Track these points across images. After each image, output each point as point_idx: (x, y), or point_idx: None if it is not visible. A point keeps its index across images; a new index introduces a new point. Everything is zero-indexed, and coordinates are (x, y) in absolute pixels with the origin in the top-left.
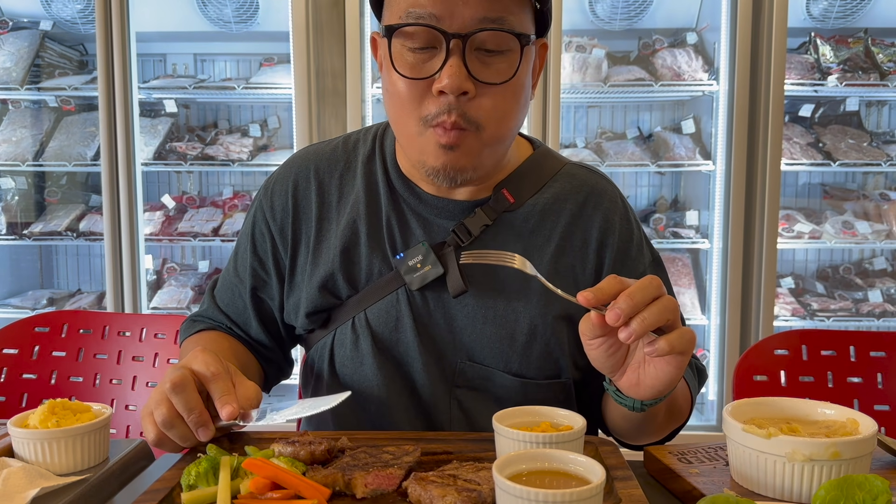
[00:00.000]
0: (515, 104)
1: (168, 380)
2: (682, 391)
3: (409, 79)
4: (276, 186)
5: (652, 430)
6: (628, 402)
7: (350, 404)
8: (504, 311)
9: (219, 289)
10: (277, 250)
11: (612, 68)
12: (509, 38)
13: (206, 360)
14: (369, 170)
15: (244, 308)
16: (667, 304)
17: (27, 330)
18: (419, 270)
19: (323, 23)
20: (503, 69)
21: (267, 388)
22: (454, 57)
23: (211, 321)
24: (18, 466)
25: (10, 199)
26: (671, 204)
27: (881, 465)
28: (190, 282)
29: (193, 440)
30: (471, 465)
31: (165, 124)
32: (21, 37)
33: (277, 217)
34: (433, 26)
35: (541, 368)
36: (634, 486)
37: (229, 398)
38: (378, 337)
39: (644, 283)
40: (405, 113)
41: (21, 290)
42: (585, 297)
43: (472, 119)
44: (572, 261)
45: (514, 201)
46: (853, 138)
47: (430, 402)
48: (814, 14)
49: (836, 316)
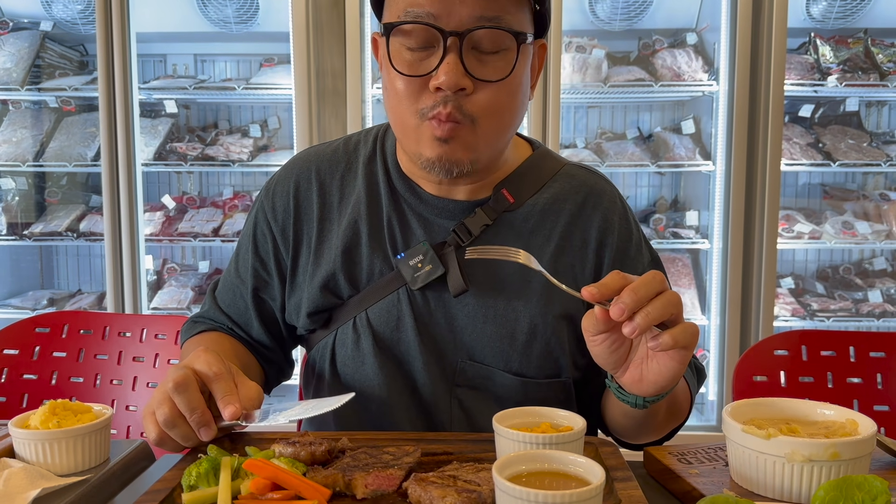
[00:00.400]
0: (512, 101)
1: (170, 379)
2: (682, 389)
3: (407, 76)
4: (277, 188)
5: (652, 428)
6: (630, 398)
7: (351, 403)
8: (504, 310)
9: (220, 290)
10: (279, 251)
11: (612, 69)
12: (506, 36)
13: (209, 359)
14: (370, 170)
15: (245, 308)
16: (670, 298)
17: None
18: (420, 270)
19: (323, 23)
20: (500, 67)
21: (268, 390)
22: (451, 54)
23: (212, 322)
24: (19, 467)
25: (11, 200)
26: (671, 204)
27: (880, 466)
28: (190, 282)
29: (195, 440)
30: (471, 466)
31: (166, 125)
32: (21, 37)
33: (279, 218)
34: (431, 24)
35: (541, 367)
36: (634, 487)
37: (232, 398)
38: (379, 336)
39: (647, 279)
40: (402, 108)
41: (21, 291)
42: (590, 291)
43: (468, 112)
44: (572, 260)
45: (514, 201)
46: (853, 138)
47: (431, 402)
48: (813, 14)
49: (836, 316)
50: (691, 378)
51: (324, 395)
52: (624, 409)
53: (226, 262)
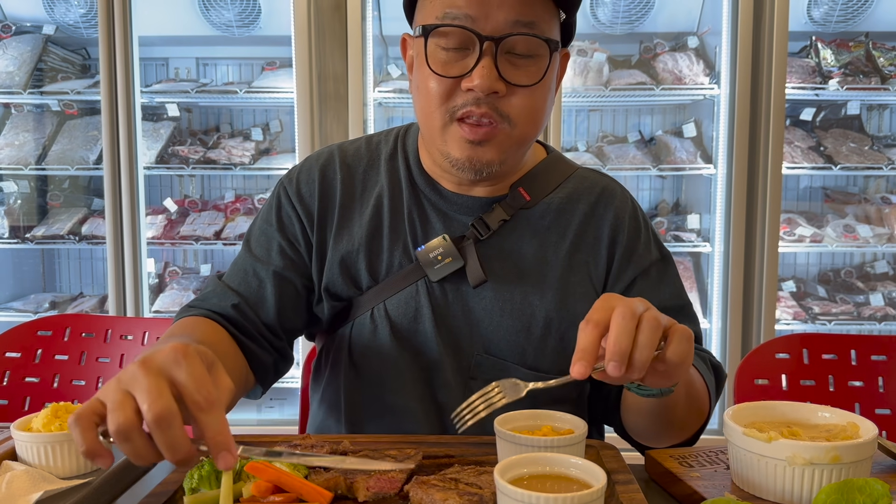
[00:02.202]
0: (543, 105)
1: (148, 403)
2: (695, 376)
3: (441, 76)
4: (301, 175)
5: (674, 421)
6: (655, 391)
7: (366, 393)
8: (521, 304)
9: (228, 274)
10: (306, 231)
11: (613, 72)
12: (539, 42)
13: (198, 374)
14: (392, 167)
15: (259, 286)
16: (650, 322)
17: (30, 333)
18: (440, 262)
19: (325, 27)
20: (532, 72)
21: (266, 384)
22: (486, 58)
23: (211, 305)
24: (22, 470)
25: (13, 203)
26: (672, 207)
27: (882, 469)
28: (192, 285)
29: (150, 459)
30: (472, 469)
31: (167, 128)
32: (24, 41)
33: (305, 200)
34: (468, 28)
35: (555, 362)
36: (636, 490)
37: (226, 439)
38: (397, 327)
39: (618, 321)
40: (433, 107)
41: (23, 294)
42: (579, 371)
43: (505, 113)
44: (586, 257)
45: (530, 199)
46: (854, 142)
47: (446, 393)
48: (815, 18)
49: (838, 319)
50: (706, 372)
51: (339, 385)
52: (645, 407)
53: (227, 266)
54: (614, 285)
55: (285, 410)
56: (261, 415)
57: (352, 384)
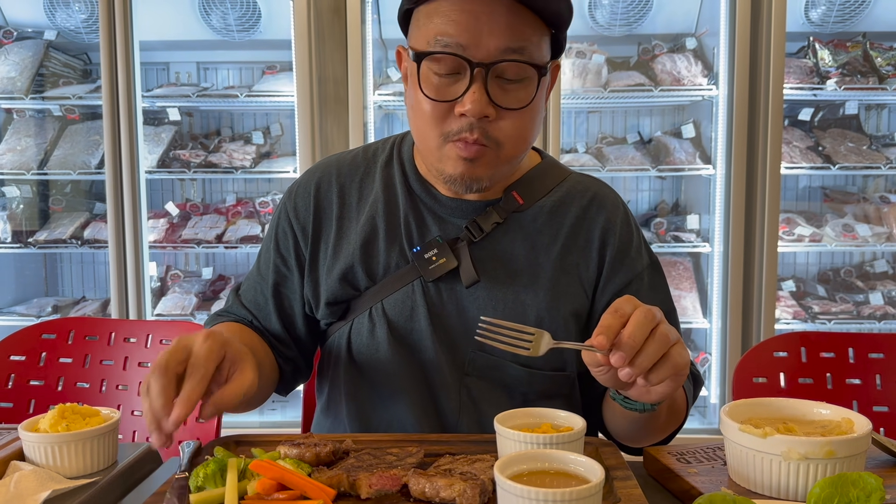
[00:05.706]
0: (532, 124)
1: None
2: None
3: (434, 101)
4: (299, 190)
5: (655, 429)
6: (638, 405)
7: (364, 389)
8: (513, 303)
9: (243, 289)
10: (299, 247)
11: (611, 73)
12: (528, 67)
13: (208, 347)
14: (388, 173)
15: (265, 303)
16: (661, 336)
17: (34, 337)
18: (434, 263)
19: (325, 30)
20: (522, 97)
21: (286, 390)
22: (477, 84)
23: (234, 316)
24: (29, 469)
25: (15, 208)
26: (672, 208)
27: (876, 464)
28: (194, 289)
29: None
30: (464, 458)
31: (169, 132)
32: (25, 46)
33: (300, 216)
34: (459, 55)
35: (547, 360)
36: (634, 486)
37: (185, 403)
38: (394, 325)
39: (640, 319)
40: (428, 129)
41: (26, 298)
42: (600, 342)
43: (493, 137)
44: (577, 259)
45: (523, 203)
46: (853, 141)
47: (441, 389)
48: (812, 18)
49: (838, 319)
50: (688, 384)
51: (340, 383)
52: (629, 415)
53: (229, 269)
54: (605, 287)
55: (287, 412)
56: (263, 417)
57: (352, 382)
